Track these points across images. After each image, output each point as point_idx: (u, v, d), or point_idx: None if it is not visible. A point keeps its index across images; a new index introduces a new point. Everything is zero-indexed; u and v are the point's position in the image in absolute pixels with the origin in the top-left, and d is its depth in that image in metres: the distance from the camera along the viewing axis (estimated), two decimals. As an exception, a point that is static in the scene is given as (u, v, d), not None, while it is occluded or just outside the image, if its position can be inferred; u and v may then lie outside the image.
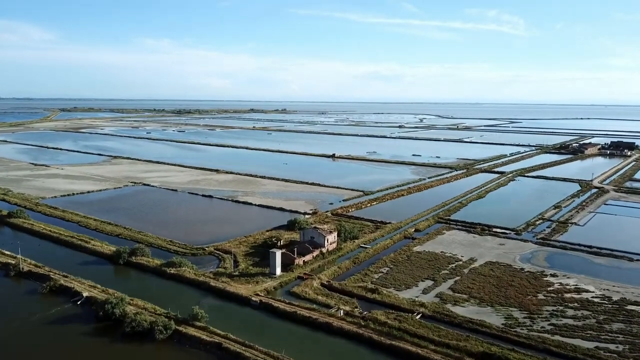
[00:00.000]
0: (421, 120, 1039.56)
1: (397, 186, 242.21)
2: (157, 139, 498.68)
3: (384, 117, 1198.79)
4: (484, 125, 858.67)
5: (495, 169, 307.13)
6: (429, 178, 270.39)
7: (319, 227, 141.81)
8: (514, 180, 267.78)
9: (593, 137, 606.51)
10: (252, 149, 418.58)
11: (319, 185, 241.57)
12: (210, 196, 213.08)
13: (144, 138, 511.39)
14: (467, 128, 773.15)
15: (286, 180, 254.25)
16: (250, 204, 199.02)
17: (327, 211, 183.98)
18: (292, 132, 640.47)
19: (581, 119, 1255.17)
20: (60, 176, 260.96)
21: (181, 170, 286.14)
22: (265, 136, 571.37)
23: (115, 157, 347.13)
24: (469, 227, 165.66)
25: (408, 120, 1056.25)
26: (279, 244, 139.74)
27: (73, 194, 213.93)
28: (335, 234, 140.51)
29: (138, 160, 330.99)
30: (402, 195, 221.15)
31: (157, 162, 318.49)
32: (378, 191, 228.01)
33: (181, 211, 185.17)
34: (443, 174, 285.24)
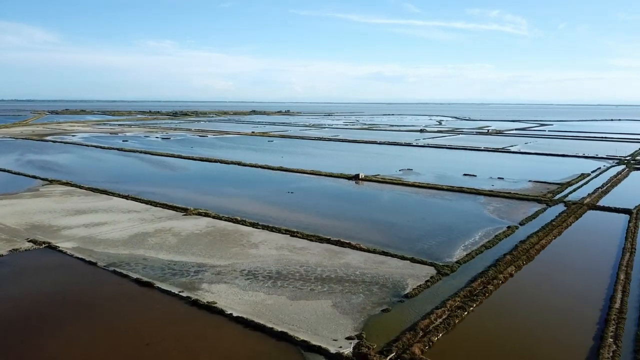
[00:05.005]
0: (440, 123, 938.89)
1: (485, 247, 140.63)
2: (129, 150, 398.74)
3: (396, 119, 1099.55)
4: (515, 129, 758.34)
5: (602, 203, 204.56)
6: (520, 224, 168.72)
7: None
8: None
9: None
10: (245, 164, 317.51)
11: (349, 245, 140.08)
12: (149, 284, 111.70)
13: (114, 149, 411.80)
14: (499, 132, 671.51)
15: (292, 234, 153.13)
16: (222, 312, 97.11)
17: (389, 353, 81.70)
18: (298, 139, 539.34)
19: (611, 120, 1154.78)
20: None
21: (130, 210, 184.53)
22: (265, 144, 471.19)
23: (52, 180, 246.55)
24: None
25: (425, 122, 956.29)
26: None
27: None
28: None
29: (78, 187, 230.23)
30: (511, 275, 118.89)
31: (103, 192, 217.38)
32: (459, 262, 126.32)
33: (61, 352, 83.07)
34: (536, 214, 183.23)
